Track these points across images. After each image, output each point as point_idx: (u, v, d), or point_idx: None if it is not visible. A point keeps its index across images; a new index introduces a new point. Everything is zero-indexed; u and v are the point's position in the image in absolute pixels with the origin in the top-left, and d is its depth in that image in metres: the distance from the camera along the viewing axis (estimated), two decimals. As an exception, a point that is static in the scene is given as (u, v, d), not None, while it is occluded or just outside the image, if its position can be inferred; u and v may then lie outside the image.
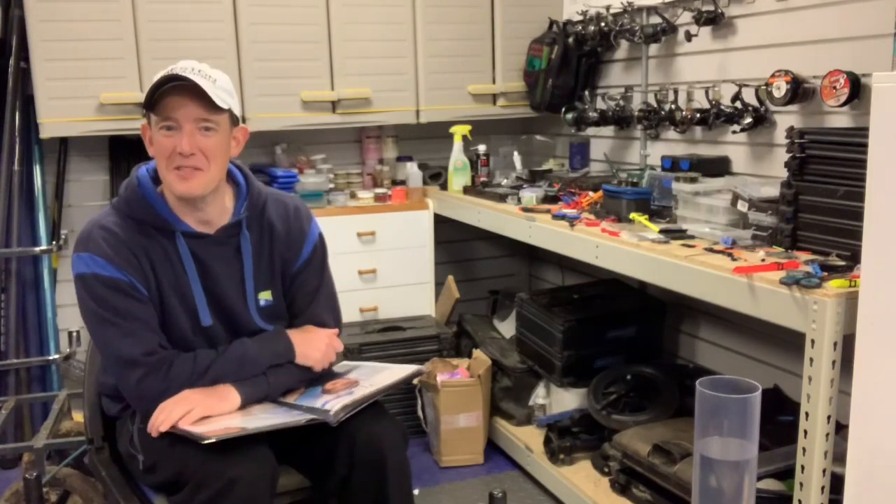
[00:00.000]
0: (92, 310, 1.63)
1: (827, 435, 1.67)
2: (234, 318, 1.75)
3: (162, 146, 1.63)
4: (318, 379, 1.82)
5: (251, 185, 1.79)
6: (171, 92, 1.60)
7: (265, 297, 1.79)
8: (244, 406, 1.68)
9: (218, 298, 1.72)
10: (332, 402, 1.67)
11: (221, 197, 1.74)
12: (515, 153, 3.37)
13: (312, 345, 1.78)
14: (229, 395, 1.66)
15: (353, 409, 1.67)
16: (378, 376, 1.82)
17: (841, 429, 1.66)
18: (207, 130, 1.63)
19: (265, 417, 1.64)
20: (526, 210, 2.74)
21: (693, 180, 2.33)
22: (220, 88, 1.64)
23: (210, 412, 1.62)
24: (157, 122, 1.63)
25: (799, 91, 2.24)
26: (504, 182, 3.25)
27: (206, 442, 1.50)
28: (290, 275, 1.82)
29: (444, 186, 3.40)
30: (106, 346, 1.65)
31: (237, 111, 1.71)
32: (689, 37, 2.64)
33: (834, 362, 1.64)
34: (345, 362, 1.99)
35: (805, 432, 1.70)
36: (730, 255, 1.97)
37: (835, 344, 1.64)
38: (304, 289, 1.84)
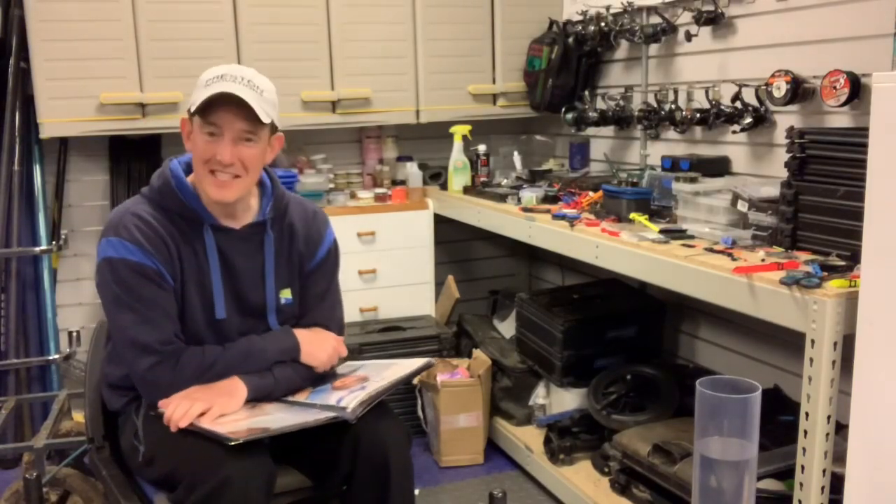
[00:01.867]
0: (114, 293, 1.64)
1: (827, 435, 1.67)
2: (250, 314, 1.77)
3: (202, 150, 1.66)
4: (324, 378, 1.83)
5: (276, 187, 1.83)
6: (219, 101, 1.62)
7: (286, 295, 1.82)
8: (251, 400, 1.69)
9: (237, 293, 1.75)
10: (347, 398, 1.66)
11: (248, 195, 1.78)
12: (515, 153, 3.37)
13: (319, 345, 1.80)
14: (237, 391, 1.67)
15: (370, 404, 1.66)
16: (387, 371, 1.82)
17: (841, 429, 1.66)
18: (248, 141, 1.67)
19: (286, 417, 1.63)
20: (526, 210, 2.74)
21: (693, 180, 2.33)
22: (266, 101, 1.66)
23: (224, 410, 1.63)
24: (200, 125, 1.65)
25: (799, 91, 2.24)
26: (504, 182, 3.25)
27: (233, 443, 1.50)
28: (304, 275, 1.86)
29: (444, 186, 3.40)
30: (122, 330, 1.66)
31: (278, 122, 1.74)
32: (689, 37, 2.64)
33: (834, 362, 1.64)
34: (349, 363, 1.99)
35: (805, 432, 1.70)
36: (730, 255, 1.97)
37: (835, 344, 1.64)
38: (313, 290, 1.87)
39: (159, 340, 1.64)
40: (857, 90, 2.07)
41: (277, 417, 1.63)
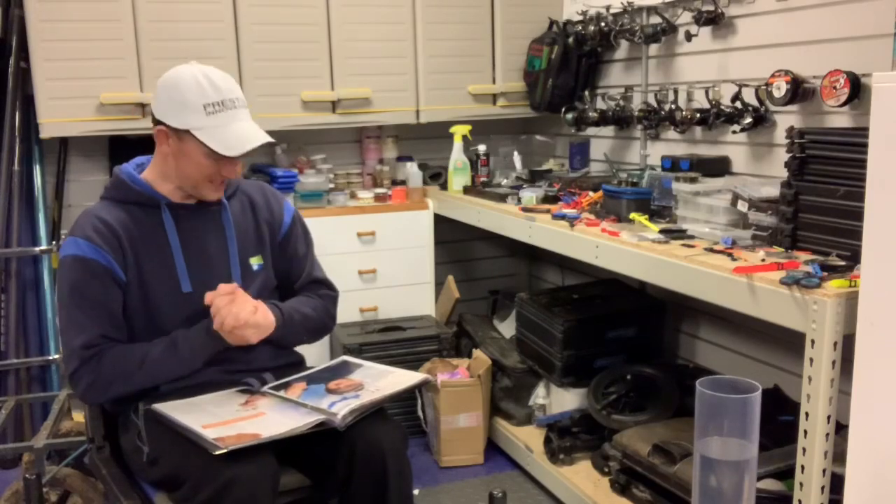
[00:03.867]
0: (60, 294, 1.72)
1: (827, 435, 1.67)
2: (217, 284, 1.78)
3: (205, 168, 1.74)
4: (321, 377, 1.83)
5: None
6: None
7: (257, 261, 1.89)
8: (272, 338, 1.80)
9: (201, 265, 1.80)
10: (339, 405, 1.66)
11: None
12: (515, 153, 3.37)
13: (236, 304, 1.75)
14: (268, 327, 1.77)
15: (360, 414, 1.67)
16: (384, 381, 1.82)
17: (841, 429, 1.66)
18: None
19: (276, 419, 1.62)
20: (526, 210, 2.74)
21: (693, 180, 2.33)
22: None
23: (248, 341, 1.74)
24: (199, 146, 1.71)
25: (799, 91, 2.24)
26: (504, 182, 3.25)
27: (218, 452, 1.48)
28: (277, 244, 1.94)
29: (444, 186, 3.40)
30: (61, 334, 1.75)
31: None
32: (689, 37, 2.64)
33: (834, 362, 1.64)
34: (346, 358, 1.99)
35: (805, 432, 1.70)
36: (730, 255, 1.97)
37: (835, 344, 1.64)
38: (297, 255, 1.97)
39: (82, 345, 1.68)
40: (857, 90, 2.07)
41: (268, 419, 1.63)
